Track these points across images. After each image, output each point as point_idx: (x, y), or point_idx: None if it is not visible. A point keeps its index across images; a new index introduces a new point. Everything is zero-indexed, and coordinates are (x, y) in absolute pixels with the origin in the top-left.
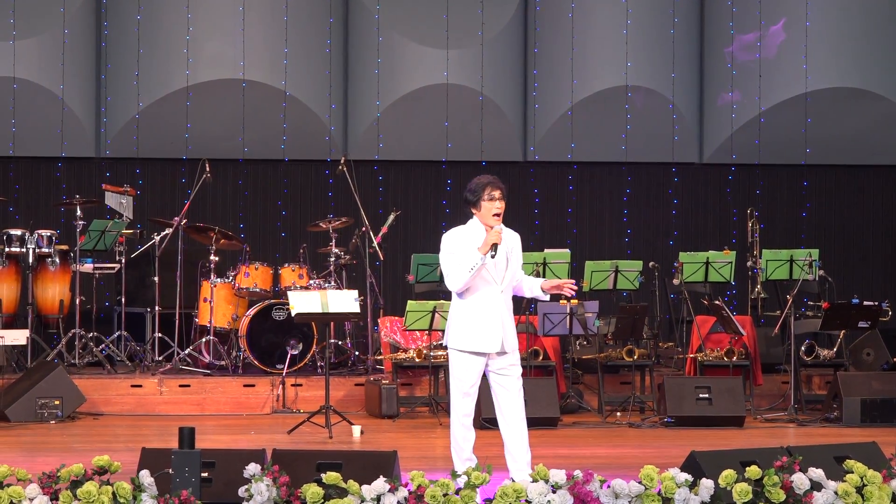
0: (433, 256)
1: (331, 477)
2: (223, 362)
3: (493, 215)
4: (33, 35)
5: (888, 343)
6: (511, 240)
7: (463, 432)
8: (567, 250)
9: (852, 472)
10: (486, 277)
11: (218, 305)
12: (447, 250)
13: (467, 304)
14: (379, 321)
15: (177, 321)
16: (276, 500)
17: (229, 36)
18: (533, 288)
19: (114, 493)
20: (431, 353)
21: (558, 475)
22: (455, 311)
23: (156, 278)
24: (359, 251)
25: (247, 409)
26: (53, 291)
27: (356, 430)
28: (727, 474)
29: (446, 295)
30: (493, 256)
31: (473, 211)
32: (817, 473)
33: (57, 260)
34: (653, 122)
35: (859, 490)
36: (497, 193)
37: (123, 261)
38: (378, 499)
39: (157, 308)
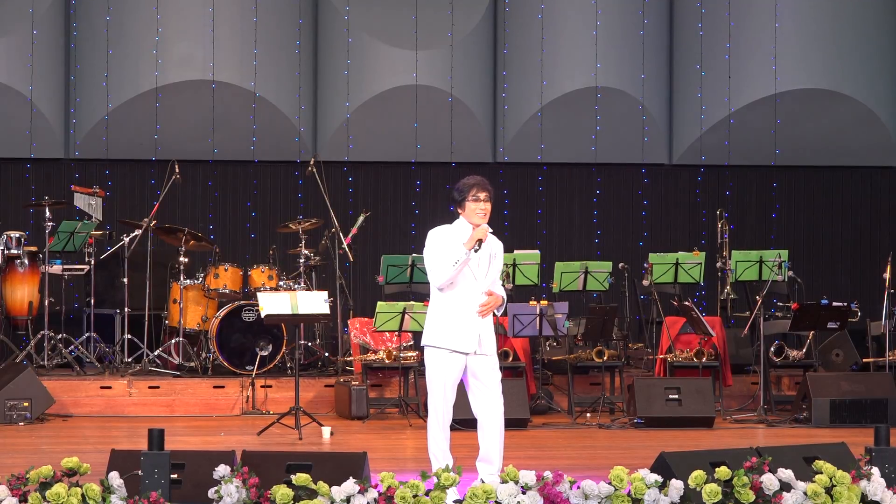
0: (403, 258)
1: (300, 478)
2: (193, 364)
3: (478, 216)
4: (1, 36)
5: (857, 344)
6: (494, 245)
7: (441, 433)
8: (537, 251)
9: (821, 473)
10: (467, 276)
11: (187, 307)
12: (432, 247)
13: (447, 302)
14: (349, 322)
15: (146, 322)
16: (245, 502)
17: (199, 37)
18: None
19: (83, 495)
20: (401, 355)
21: (528, 476)
22: (433, 308)
23: (125, 280)
24: (328, 252)
25: (216, 410)
26: (22, 293)
27: (326, 431)
28: (697, 475)
29: (416, 296)
30: (476, 251)
31: (459, 210)
32: (786, 474)
33: (26, 261)
34: (622, 123)
35: (828, 491)
36: (483, 195)
37: (93, 262)
38: (348, 500)
39: (126, 309)
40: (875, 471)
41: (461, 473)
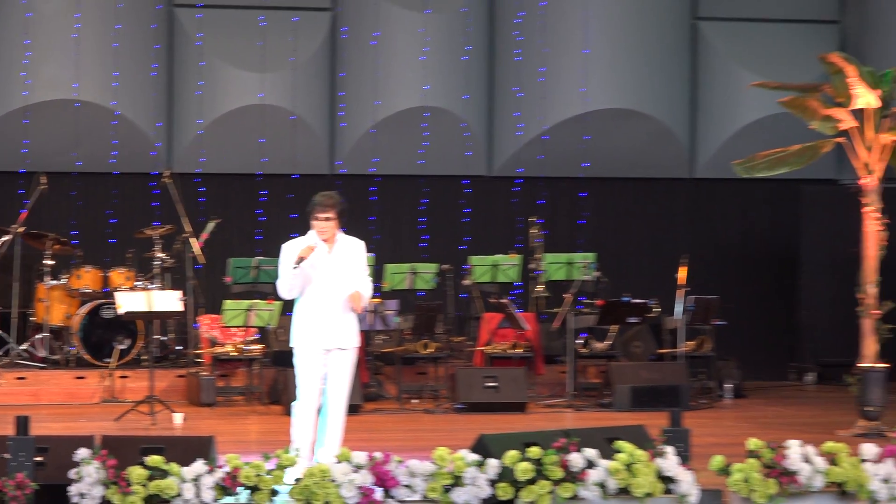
0: (248, 260)
1: (154, 460)
2: (57, 357)
3: (319, 234)
4: None
5: (655, 336)
6: (349, 246)
7: (304, 419)
8: (370, 254)
9: (622, 452)
10: (320, 279)
11: (52, 305)
12: (280, 261)
13: (302, 305)
14: (199, 318)
15: (14, 319)
16: (104, 482)
17: (64, 60)
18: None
19: None
20: (246, 348)
21: (360, 457)
22: (295, 310)
23: None
24: (181, 255)
25: (78, 399)
26: None
27: (178, 417)
28: (511, 455)
29: (260, 295)
30: (293, 268)
31: None
32: (591, 453)
33: None
34: (447, 139)
35: (628, 467)
36: (322, 215)
37: None
38: (197, 479)
39: None
40: (669, 450)
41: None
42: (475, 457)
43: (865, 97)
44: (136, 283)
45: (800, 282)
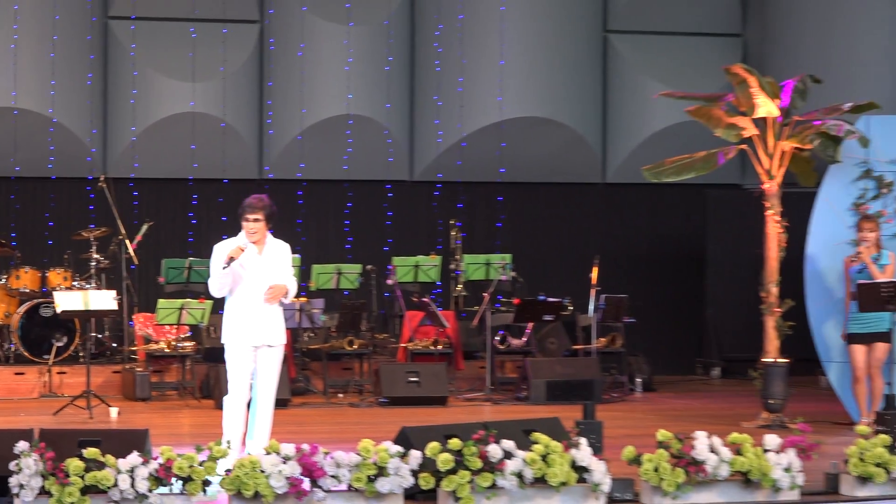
0: (181, 261)
1: (91, 452)
2: None
3: (248, 235)
4: None
5: (569, 333)
6: (275, 249)
7: (235, 412)
8: (297, 255)
9: (538, 443)
10: (246, 280)
11: None
12: (211, 261)
13: (232, 304)
14: (134, 317)
15: None
16: (42, 473)
17: (3, 70)
18: None
19: None
20: (179, 345)
21: (288, 448)
22: (226, 308)
23: None
24: (116, 256)
25: (17, 394)
26: None
27: (113, 411)
28: (433, 446)
29: (192, 294)
30: (223, 268)
31: None
32: (509, 444)
33: None
34: (370, 145)
35: (544, 458)
36: (252, 217)
37: None
38: (132, 470)
39: None
40: (583, 441)
41: (232, 447)
42: (398, 448)
43: (766, 107)
44: (73, 283)
45: (706, 281)
